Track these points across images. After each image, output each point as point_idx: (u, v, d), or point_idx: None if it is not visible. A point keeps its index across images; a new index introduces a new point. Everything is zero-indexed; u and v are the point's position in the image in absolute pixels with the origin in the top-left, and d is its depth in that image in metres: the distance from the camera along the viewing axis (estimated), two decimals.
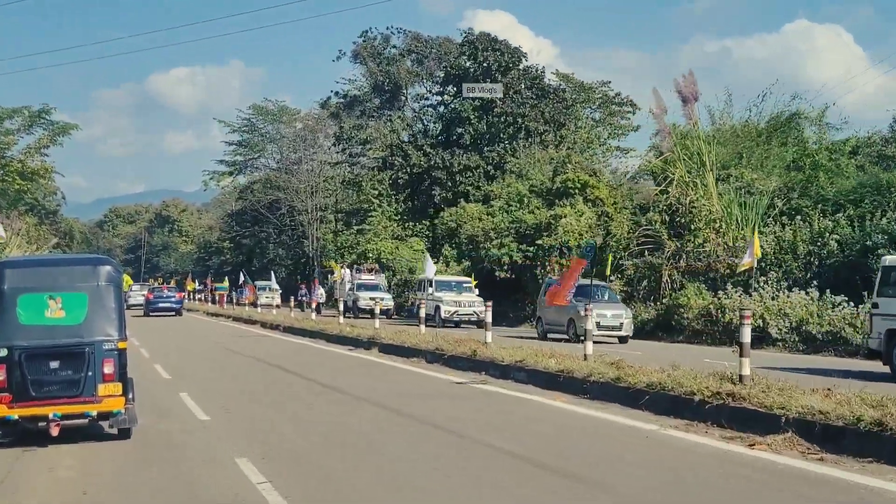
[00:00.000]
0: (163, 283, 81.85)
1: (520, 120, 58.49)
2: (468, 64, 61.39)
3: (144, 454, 9.93)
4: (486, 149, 60.08)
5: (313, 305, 47.39)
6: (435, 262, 42.98)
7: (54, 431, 9.93)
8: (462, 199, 58.10)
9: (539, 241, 40.26)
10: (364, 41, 65.38)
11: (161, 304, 52.61)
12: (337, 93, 67.55)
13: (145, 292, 59.05)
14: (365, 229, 60.85)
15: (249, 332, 36.62)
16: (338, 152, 73.15)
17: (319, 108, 69.55)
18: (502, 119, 59.22)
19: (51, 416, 9.79)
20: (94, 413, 10.04)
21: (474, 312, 36.92)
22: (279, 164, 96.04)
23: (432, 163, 59.41)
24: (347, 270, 49.89)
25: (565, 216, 39.78)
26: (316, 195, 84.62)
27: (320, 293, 53.48)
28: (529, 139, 58.32)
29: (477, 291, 39.22)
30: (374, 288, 47.22)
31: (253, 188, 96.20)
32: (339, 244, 64.90)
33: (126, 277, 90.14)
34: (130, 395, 10.41)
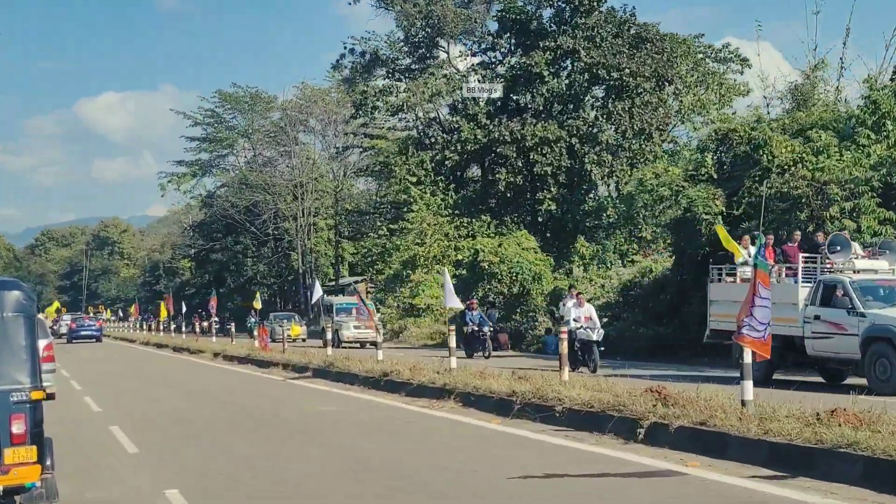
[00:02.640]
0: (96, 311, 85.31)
1: (614, 74, 43.09)
2: (530, 7, 45.97)
3: None
4: (567, 116, 44.62)
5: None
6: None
7: None
8: (542, 182, 42.79)
9: None
10: None
11: (82, 332, 56.49)
12: (352, 50, 51.28)
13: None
14: (405, 228, 44.80)
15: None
16: (347, 133, 57.04)
17: (331, 69, 53.24)
18: (588, 75, 43.87)
19: None
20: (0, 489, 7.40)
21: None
22: (250, 162, 79.53)
23: (493, 136, 43.69)
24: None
25: None
26: (305, 198, 68.22)
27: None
28: (626, 100, 42.99)
29: None
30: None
31: (222, 192, 79.50)
32: (362, 251, 48.90)
33: (55, 303, 72.94)
34: (48, 462, 7.69)
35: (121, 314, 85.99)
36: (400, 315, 41.12)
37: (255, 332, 30.19)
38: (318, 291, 37.44)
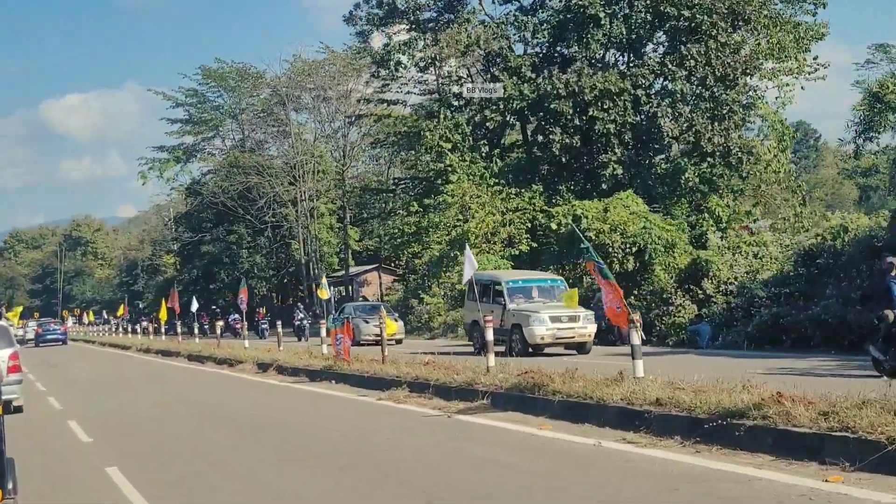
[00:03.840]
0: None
1: (684, 13, 36.61)
2: None
3: None
4: (628, 64, 38.16)
5: None
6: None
7: None
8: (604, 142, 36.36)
9: None
10: None
11: (49, 336, 58.42)
12: None
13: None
14: (442, 203, 38.11)
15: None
16: (360, 99, 50.19)
17: (344, 22, 46.27)
18: (653, 14, 37.40)
19: None
20: None
21: None
22: (239, 145, 72.36)
23: (544, 91, 37.13)
24: None
25: None
26: (305, 178, 61.23)
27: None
28: (699, 42, 36.54)
29: None
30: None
31: (209, 179, 72.29)
32: (387, 233, 42.39)
33: (17, 307, 66.60)
34: (10, 485, 6.12)
35: (105, 316, 78.61)
36: (450, 304, 34.50)
37: (325, 333, 21.24)
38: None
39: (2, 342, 15.50)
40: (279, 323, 30.10)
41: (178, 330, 37.35)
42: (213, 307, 62.76)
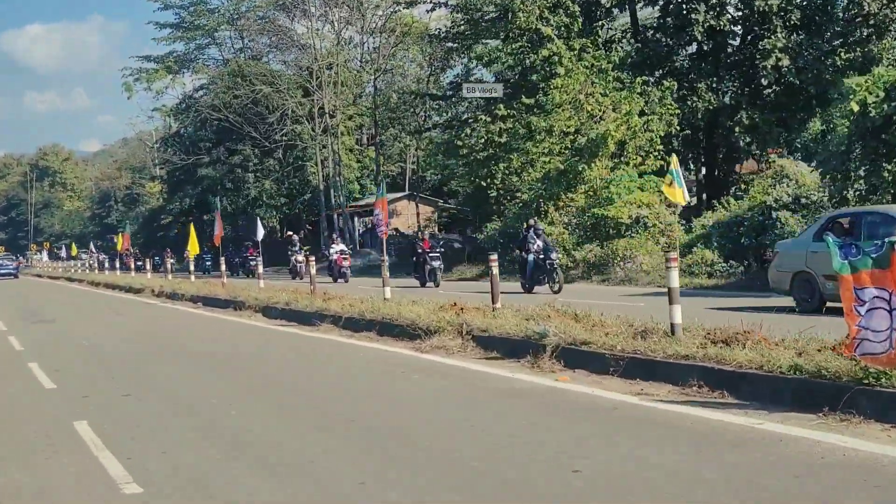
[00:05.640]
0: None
1: None
2: None
3: None
4: None
5: None
6: None
7: None
8: None
9: None
10: None
11: (2, 271, 60.25)
12: None
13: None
14: (546, 104, 29.10)
15: None
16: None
17: None
18: None
19: None
20: None
21: None
22: (236, 53, 62.59)
23: None
24: None
25: None
26: (324, 90, 51.70)
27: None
28: None
29: None
30: None
31: (203, 93, 62.52)
32: (462, 146, 33.75)
33: None
34: None
35: (93, 249, 68.99)
36: (581, 236, 25.68)
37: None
38: None
39: None
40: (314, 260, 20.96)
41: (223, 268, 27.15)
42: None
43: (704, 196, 32.86)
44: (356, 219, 53.19)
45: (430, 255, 25.95)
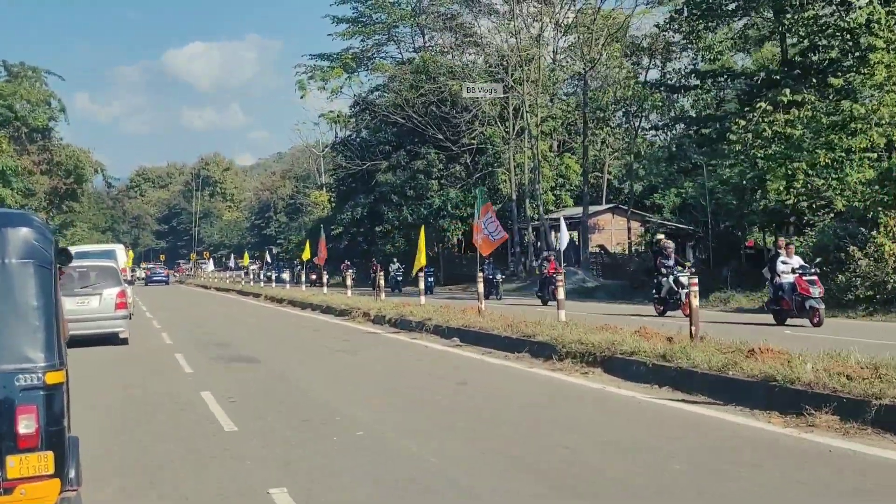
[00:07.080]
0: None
1: None
2: None
3: None
4: None
5: None
6: None
7: None
8: None
9: None
10: None
11: (155, 279, 74.33)
12: None
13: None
14: (865, 82, 22.13)
15: None
16: None
17: None
18: None
19: None
20: None
21: None
22: (419, 51, 57.49)
23: None
24: None
25: None
26: (524, 85, 45.63)
27: None
28: None
29: None
30: None
31: (378, 95, 57.70)
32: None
33: (130, 253, 53.66)
34: (72, 473, 4.88)
35: (269, 260, 66.28)
36: None
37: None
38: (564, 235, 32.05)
39: (111, 281, 17.04)
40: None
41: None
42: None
43: None
44: (552, 233, 47.00)
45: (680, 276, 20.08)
